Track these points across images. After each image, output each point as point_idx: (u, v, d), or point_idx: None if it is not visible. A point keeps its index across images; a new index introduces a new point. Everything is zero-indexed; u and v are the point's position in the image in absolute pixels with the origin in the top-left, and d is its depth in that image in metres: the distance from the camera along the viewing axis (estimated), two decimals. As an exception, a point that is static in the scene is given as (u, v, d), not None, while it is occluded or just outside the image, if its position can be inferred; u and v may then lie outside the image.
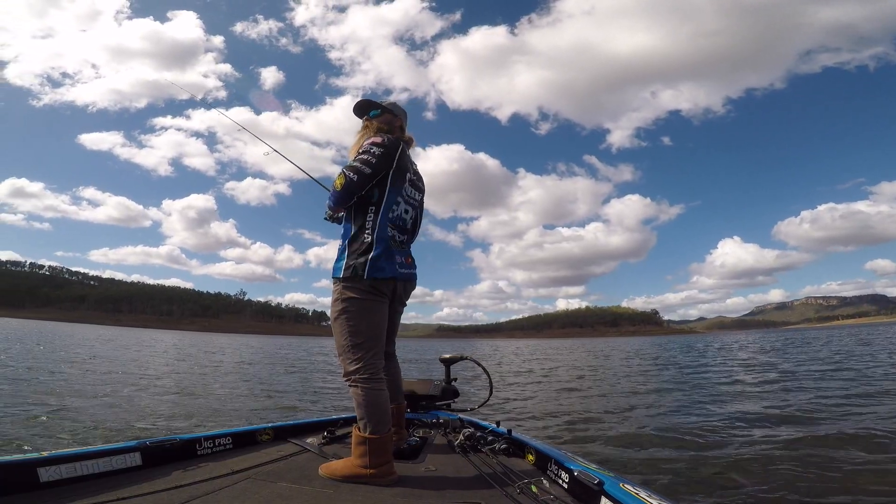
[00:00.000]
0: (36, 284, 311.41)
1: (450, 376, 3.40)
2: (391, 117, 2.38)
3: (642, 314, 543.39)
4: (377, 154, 2.12)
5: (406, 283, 2.27)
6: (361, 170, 2.09)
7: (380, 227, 2.12)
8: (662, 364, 17.36)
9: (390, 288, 2.16)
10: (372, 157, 2.11)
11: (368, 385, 2.05)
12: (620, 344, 61.93)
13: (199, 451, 2.33)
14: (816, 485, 3.49)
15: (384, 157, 2.13)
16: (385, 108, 2.39)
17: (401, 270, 2.16)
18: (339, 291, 2.10)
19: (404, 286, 2.27)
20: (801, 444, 4.56)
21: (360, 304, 2.08)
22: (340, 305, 2.09)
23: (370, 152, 2.12)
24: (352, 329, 2.08)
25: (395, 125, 2.37)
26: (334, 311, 2.11)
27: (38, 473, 1.77)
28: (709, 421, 5.95)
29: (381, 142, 2.15)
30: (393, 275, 2.12)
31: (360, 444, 2.01)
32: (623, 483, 1.68)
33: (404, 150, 2.26)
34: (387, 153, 2.14)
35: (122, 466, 2.03)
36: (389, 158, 2.15)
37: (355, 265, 2.08)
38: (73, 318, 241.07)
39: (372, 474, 1.97)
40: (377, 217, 2.13)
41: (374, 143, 2.15)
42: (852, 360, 14.15)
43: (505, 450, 2.42)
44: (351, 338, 2.08)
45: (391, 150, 2.16)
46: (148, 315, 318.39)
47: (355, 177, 2.09)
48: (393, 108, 2.41)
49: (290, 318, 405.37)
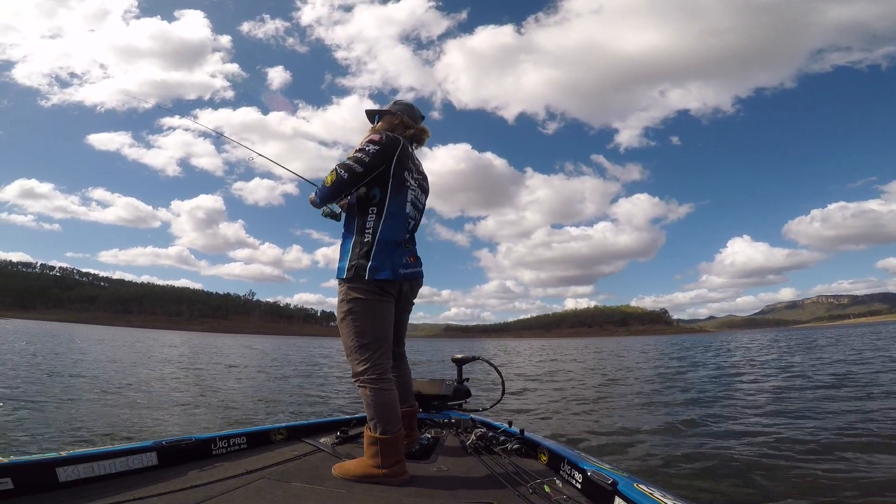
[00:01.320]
0: (47, 285, 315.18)
1: (462, 376, 3.41)
2: (390, 117, 2.36)
3: (651, 313, 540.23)
4: (371, 152, 2.08)
5: (412, 282, 2.25)
6: (353, 168, 2.06)
7: (382, 228, 2.10)
8: (675, 364, 17.22)
9: (395, 288, 2.15)
10: (366, 156, 2.07)
11: (377, 385, 2.05)
12: (630, 343, 61.55)
13: (214, 450, 2.35)
14: (840, 488, 3.44)
15: (379, 156, 2.09)
16: (384, 111, 2.38)
17: (403, 271, 2.13)
18: (344, 292, 2.09)
19: (410, 285, 2.25)
20: (818, 445, 4.51)
21: (366, 305, 2.07)
22: (346, 306, 2.08)
23: (365, 150, 2.09)
24: (358, 329, 2.07)
25: (395, 124, 2.34)
26: (340, 312, 2.11)
27: (57, 473, 1.81)
28: (723, 421, 5.91)
29: (377, 139, 2.13)
30: (394, 276, 2.10)
31: (372, 444, 2.02)
32: (637, 483, 1.67)
33: (405, 149, 2.22)
34: (382, 151, 2.10)
35: (138, 466, 2.05)
36: (385, 156, 2.11)
37: (357, 266, 2.07)
38: (84, 320, 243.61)
39: (384, 474, 1.98)
40: (379, 217, 2.11)
41: (371, 140, 2.13)
42: (871, 363, 13.92)
43: (517, 450, 2.41)
44: (357, 338, 2.07)
45: (388, 148, 2.12)
46: (158, 316, 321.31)
47: (346, 174, 2.06)
48: (392, 107, 2.39)
49: (299, 319, 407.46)
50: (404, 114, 2.37)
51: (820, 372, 11.20)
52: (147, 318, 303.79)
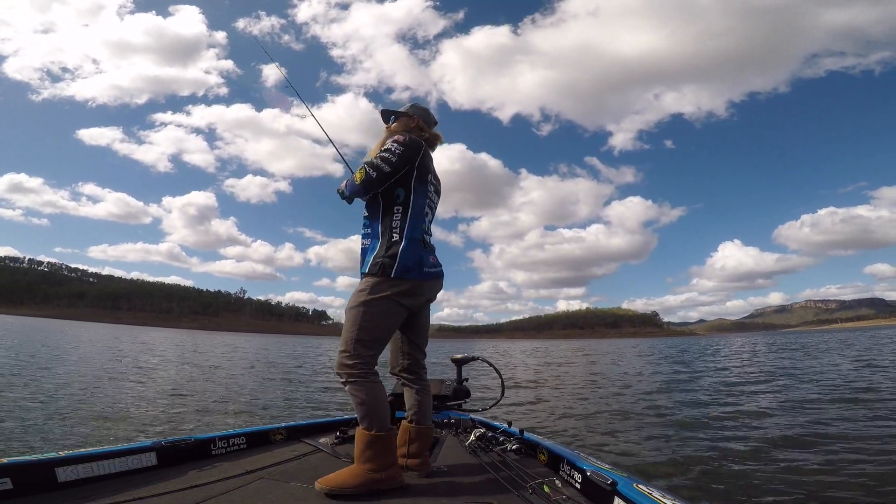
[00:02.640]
0: (35, 281, 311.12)
1: (461, 376, 3.42)
2: (407, 119, 2.40)
3: (643, 316, 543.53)
4: (398, 153, 2.12)
5: (434, 283, 2.25)
6: (381, 167, 2.09)
7: (408, 228, 2.12)
8: (668, 366, 17.38)
9: (419, 288, 2.14)
10: (392, 156, 2.11)
11: (367, 379, 1.99)
12: (622, 345, 61.96)
13: (213, 451, 2.35)
14: (837, 487, 3.49)
15: (405, 156, 2.14)
16: (401, 112, 2.42)
17: (428, 270, 2.16)
18: (372, 284, 2.05)
19: (431, 286, 2.25)
20: (816, 446, 4.58)
21: (384, 302, 2.05)
22: (364, 297, 2.04)
23: (391, 150, 2.13)
24: (364, 323, 2.02)
25: (412, 126, 2.38)
26: (355, 301, 2.06)
27: (57, 473, 1.80)
28: (721, 422, 5.99)
29: (402, 140, 2.16)
30: (421, 276, 2.11)
31: (369, 445, 1.94)
32: (636, 483, 1.67)
33: (427, 151, 2.27)
34: (407, 152, 2.14)
35: (137, 466, 2.05)
36: (410, 157, 2.15)
37: (383, 263, 2.06)
38: (72, 316, 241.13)
39: (383, 478, 1.92)
40: (405, 217, 2.13)
41: (397, 140, 2.16)
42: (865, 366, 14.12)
43: (517, 450, 2.43)
44: (359, 331, 2.01)
45: (412, 150, 2.17)
46: (147, 313, 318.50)
47: (374, 173, 2.09)
48: (409, 109, 2.43)
49: (291, 317, 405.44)
50: (420, 117, 2.42)
51: (816, 374, 11.36)
52: (136, 315, 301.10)
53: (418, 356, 2.34)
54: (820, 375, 11.27)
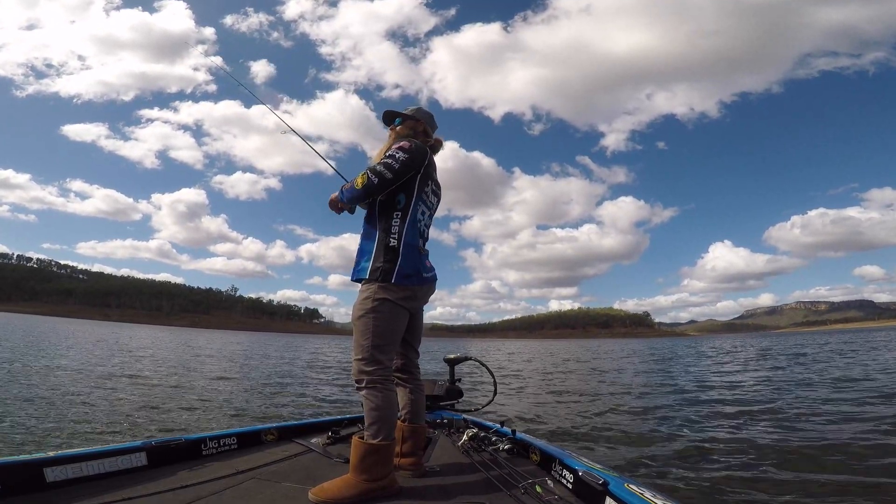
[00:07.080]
0: (23, 277, 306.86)
1: (454, 376, 3.42)
2: (413, 123, 2.39)
3: (634, 316, 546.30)
4: (402, 160, 2.10)
5: (430, 287, 2.27)
6: (383, 174, 2.08)
7: (406, 234, 2.12)
8: (662, 367, 17.48)
9: (418, 292, 2.17)
10: (396, 163, 2.09)
11: (384, 386, 2.02)
12: (614, 346, 62.30)
13: (204, 451, 2.33)
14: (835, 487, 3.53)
15: (409, 163, 2.12)
16: (407, 115, 2.41)
17: (425, 274, 2.18)
18: (374, 291, 2.06)
19: (428, 290, 2.27)
20: (810, 447, 4.63)
21: (391, 307, 2.06)
22: (371, 304, 2.04)
23: (395, 157, 2.11)
24: (377, 330, 2.03)
25: (419, 130, 2.38)
26: (361, 310, 2.06)
27: (45, 474, 1.78)
28: (713, 423, 6.05)
29: (407, 147, 2.14)
30: (420, 281, 2.14)
31: (370, 454, 1.91)
32: (628, 483, 1.68)
33: (431, 158, 2.27)
34: (411, 159, 2.13)
35: (127, 466, 2.03)
36: (414, 164, 2.14)
37: (383, 268, 2.06)
38: (61, 313, 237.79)
39: (379, 488, 1.91)
40: (403, 223, 2.12)
41: (402, 147, 2.14)
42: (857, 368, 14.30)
43: (509, 450, 2.43)
44: (374, 338, 2.02)
45: (417, 157, 2.15)
46: (137, 310, 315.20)
47: (377, 179, 2.08)
48: (416, 113, 2.41)
49: (282, 316, 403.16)
50: (426, 123, 2.42)
51: (810, 376, 11.48)
52: (125, 312, 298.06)
53: (412, 356, 2.37)
54: (808, 377, 11.39)
